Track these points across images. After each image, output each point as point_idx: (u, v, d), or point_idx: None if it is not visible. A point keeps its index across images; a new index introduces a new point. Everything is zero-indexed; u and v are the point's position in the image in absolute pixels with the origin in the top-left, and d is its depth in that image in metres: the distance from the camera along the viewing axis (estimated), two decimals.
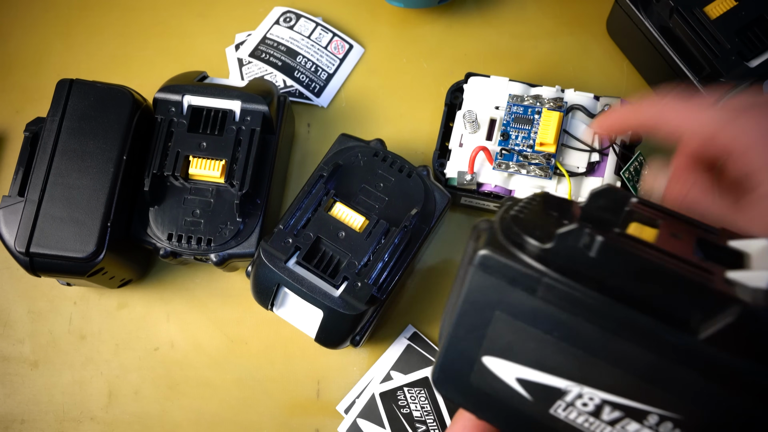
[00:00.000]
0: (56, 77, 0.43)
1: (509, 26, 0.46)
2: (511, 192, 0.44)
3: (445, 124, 0.46)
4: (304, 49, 0.52)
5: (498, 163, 0.43)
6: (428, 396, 0.44)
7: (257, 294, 0.41)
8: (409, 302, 0.47)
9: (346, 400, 0.45)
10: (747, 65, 0.41)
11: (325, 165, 0.42)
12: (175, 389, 0.46)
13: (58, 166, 0.40)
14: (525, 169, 0.43)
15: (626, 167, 0.42)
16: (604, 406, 0.23)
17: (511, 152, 0.43)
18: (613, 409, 0.23)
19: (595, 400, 0.23)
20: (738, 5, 0.42)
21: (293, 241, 0.40)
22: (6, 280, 0.49)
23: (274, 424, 0.45)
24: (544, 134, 0.42)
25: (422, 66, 0.52)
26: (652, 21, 0.45)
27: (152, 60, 0.53)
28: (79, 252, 0.39)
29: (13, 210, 0.40)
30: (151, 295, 0.48)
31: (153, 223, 0.42)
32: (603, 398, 0.23)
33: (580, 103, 0.44)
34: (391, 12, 0.54)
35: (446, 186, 0.45)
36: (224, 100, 0.43)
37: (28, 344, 0.47)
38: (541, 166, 0.42)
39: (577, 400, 0.24)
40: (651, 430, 0.23)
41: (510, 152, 0.43)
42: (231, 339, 0.47)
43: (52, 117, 0.41)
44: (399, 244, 0.40)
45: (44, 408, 0.46)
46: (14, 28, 0.54)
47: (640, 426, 0.23)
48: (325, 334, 0.40)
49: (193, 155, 0.42)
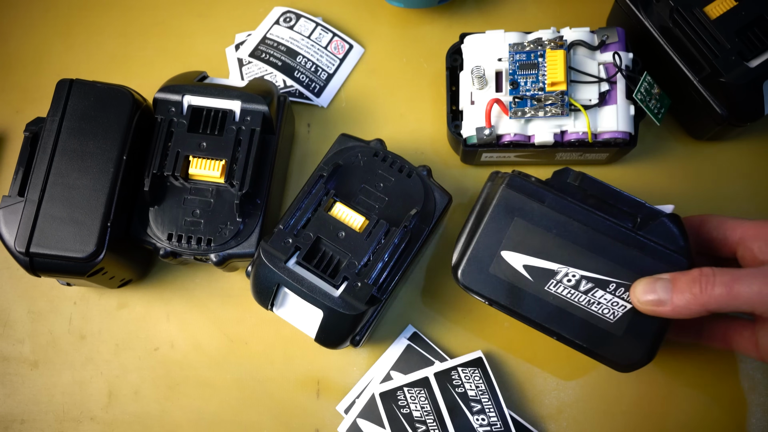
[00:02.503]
0: (56, 77, 0.43)
1: (509, 26, 0.46)
2: (531, 137, 0.44)
3: (449, 87, 0.47)
4: (304, 49, 0.52)
5: (514, 111, 0.44)
6: (428, 396, 0.44)
7: (257, 294, 0.41)
8: (409, 302, 0.47)
9: (346, 400, 0.45)
10: (747, 65, 0.41)
11: (325, 165, 0.42)
12: (175, 389, 0.46)
13: (58, 166, 0.40)
14: (542, 111, 0.43)
15: (637, 89, 0.43)
16: (581, 280, 0.37)
17: (524, 98, 0.43)
18: (588, 282, 0.37)
19: (576, 277, 0.37)
20: (738, 5, 0.42)
21: (293, 241, 0.40)
22: (6, 280, 0.49)
23: (274, 424, 0.45)
24: (553, 73, 0.43)
25: (422, 66, 0.52)
26: (652, 21, 0.45)
27: (152, 60, 0.53)
28: (79, 252, 0.39)
29: (13, 210, 0.40)
30: (151, 295, 0.48)
31: (153, 223, 0.42)
32: (582, 275, 0.37)
33: (579, 39, 0.44)
34: (391, 12, 0.54)
35: (465, 146, 0.45)
36: (224, 100, 0.43)
37: (28, 344, 0.47)
38: (556, 105, 0.43)
39: (564, 278, 0.37)
40: (611, 294, 0.36)
41: (522, 99, 0.44)
42: (231, 339, 0.47)
43: (52, 117, 0.41)
44: (399, 244, 0.40)
45: (44, 408, 0.46)
46: (14, 28, 0.54)
47: (604, 292, 0.37)
48: (325, 334, 0.40)
49: (193, 155, 0.42)
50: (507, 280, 0.37)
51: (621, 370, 0.37)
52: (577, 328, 0.37)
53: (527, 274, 0.37)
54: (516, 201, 0.37)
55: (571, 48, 0.44)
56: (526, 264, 0.37)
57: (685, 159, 0.49)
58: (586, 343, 0.37)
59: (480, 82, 0.44)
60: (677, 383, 0.45)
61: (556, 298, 0.37)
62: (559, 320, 0.37)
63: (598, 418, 0.45)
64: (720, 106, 0.43)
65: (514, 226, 0.37)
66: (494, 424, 0.43)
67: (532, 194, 0.37)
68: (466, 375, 0.44)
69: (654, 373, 0.45)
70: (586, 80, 0.44)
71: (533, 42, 0.44)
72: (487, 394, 0.44)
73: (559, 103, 0.43)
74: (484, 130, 0.44)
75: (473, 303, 0.47)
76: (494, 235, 0.37)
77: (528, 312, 0.37)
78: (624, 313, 0.36)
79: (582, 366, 0.45)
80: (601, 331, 0.37)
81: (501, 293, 0.37)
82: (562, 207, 0.37)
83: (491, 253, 0.37)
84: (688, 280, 0.34)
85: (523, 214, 0.37)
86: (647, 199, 0.38)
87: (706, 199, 0.48)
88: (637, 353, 0.36)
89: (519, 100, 0.44)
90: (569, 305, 0.37)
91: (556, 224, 0.37)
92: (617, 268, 0.36)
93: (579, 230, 0.37)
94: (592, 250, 0.36)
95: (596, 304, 0.37)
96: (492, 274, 0.37)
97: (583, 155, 0.46)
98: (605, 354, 0.37)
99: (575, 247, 0.37)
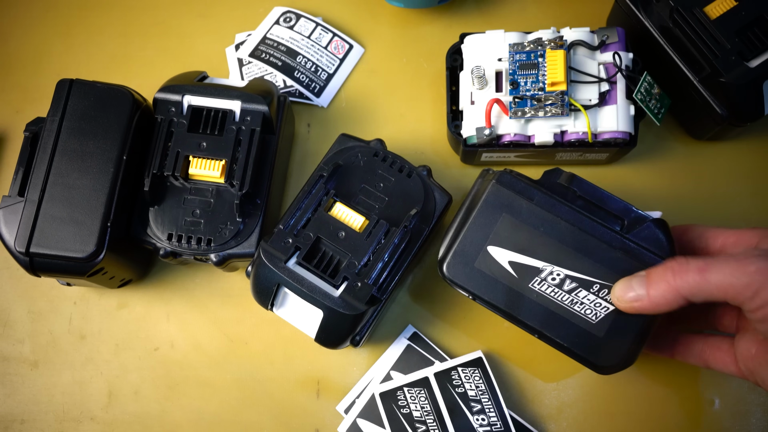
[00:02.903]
0: (56, 77, 0.43)
1: (509, 26, 0.46)
2: (531, 137, 0.45)
3: (449, 87, 0.47)
4: (304, 49, 0.52)
5: (514, 111, 0.44)
6: (428, 396, 0.44)
7: (257, 294, 0.41)
8: (409, 302, 0.47)
9: (346, 400, 0.45)
10: (747, 65, 0.41)
11: (325, 165, 0.42)
12: (175, 389, 0.46)
13: (58, 166, 0.40)
14: (542, 111, 0.43)
15: (637, 89, 0.43)
16: (566, 279, 0.37)
17: (524, 98, 0.44)
18: (572, 282, 0.37)
19: (561, 276, 0.37)
20: (738, 5, 0.42)
21: (293, 241, 0.40)
22: (6, 280, 0.49)
23: (274, 424, 0.45)
24: (553, 73, 0.43)
25: (422, 66, 0.52)
26: (652, 21, 0.45)
27: (152, 60, 0.53)
28: (79, 252, 0.39)
29: (13, 210, 0.40)
30: (151, 295, 0.48)
31: (153, 223, 0.42)
32: (566, 274, 0.37)
33: (579, 39, 0.44)
34: (391, 12, 0.54)
35: (465, 146, 0.45)
36: (224, 100, 0.43)
37: (28, 344, 0.47)
38: (556, 105, 0.43)
39: (549, 276, 0.37)
40: (594, 294, 0.37)
41: (522, 99, 0.44)
42: (231, 339, 0.47)
43: (52, 117, 0.41)
44: (399, 244, 0.40)
45: (44, 408, 0.46)
46: (14, 28, 0.54)
47: (587, 292, 0.37)
48: (325, 334, 0.40)
49: (193, 155, 0.42)
50: (492, 276, 0.37)
51: (600, 372, 0.37)
52: (558, 327, 0.37)
53: (512, 271, 0.37)
54: (505, 197, 0.38)
55: (571, 48, 0.44)
56: (512, 260, 0.37)
57: (685, 159, 0.49)
58: (566, 342, 0.37)
59: (480, 82, 0.44)
60: (677, 383, 0.45)
61: (539, 296, 0.37)
62: (541, 319, 0.37)
63: (598, 418, 0.45)
64: (720, 106, 0.43)
65: (501, 221, 0.37)
66: (494, 424, 0.43)
67: (522, 192, 0.38)
68: (466, 375, 0.44)
69: (654, 374, 0.45)
70: (586, 80, 0.44)
71: (533, 42, 0.44)
72: (487, 394, 0.44)
73: (559, 103, 0.43)
74: (484, 130, 0.44)
75: (473, 303, 0.47)
76: (482, 230, 0.38)
77: (510, 308, 0.37)
78: (606, 315, 0.36)
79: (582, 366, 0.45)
80: (583, 332, 0.37)
81: (485, 289, 0.37)
82: (551, 206, 0.37)
83: (478, 247, 0.37)
84: (661, 270, 0.34)
85: (512, 211, 0.37)
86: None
87: (706, 199, 0.48)
88: (616, 356, 0.36)
89: (519, 100, 0.44)
90: (552, 304, 0.37)
91: (543, 222, 0.37)
92: (602, 269, 0.36)
93: (566, 230, 0.37)
94: (577, 250, 0.37)
95: (579, 304, 0.37)
96: (477, 269, 0.37)
97: (583, 155, 0.46)
98: (585, 355, 0.37)
99: (561, 247, 0.37)
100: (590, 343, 0.36)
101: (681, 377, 0.45)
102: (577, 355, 0.37)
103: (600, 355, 0.36)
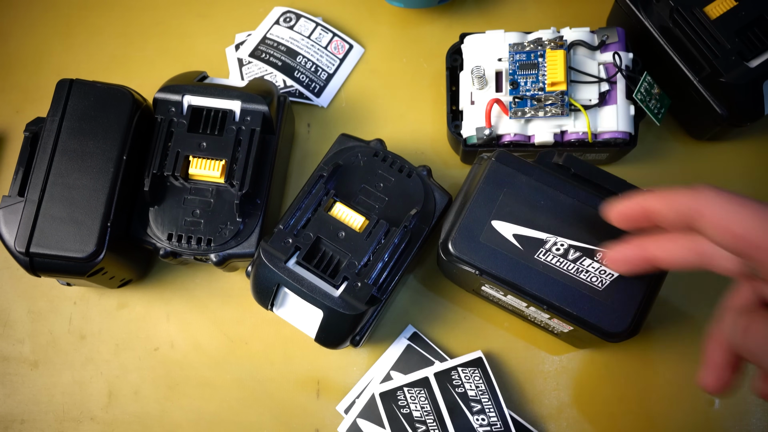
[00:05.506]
0: (56, 77, 0.43)
1: (509, 26, 0.47)
2: (531, 137, 0.45)
3: (449, 87, 0.47)
4: (304, 49, 0.52)
5: (514, 111, 0.44)
6: (428, 396, 0.44)
7: (257, 294, 0.41)
8: (409, 302, 0.47)
9: (346, 400, 0.45)
10: (747, 65, 0.41)
11: (325, 165, 0.42)
12: (175, 389, 0.46)
13: (58, 166, 0.40)
14: (542, 111, 0.43)
15: (637, 89, 0.43)
16: (570, 249, 0.38)
17: (524, 98, 0.44)
18: (576, 251, 0.38)
19: (565, 245, 0.38)
20: (738, 5, 0.42)
21: (293, 241, 0.40)
22: (6, 280, 0.49)
23: (274, 424, 0.45)
24: (553, 73, 0.43)
25: (422, 66, 0.52)
26: (652, 21, 0.45)
27: (152, 60, 0.53)
28: (79, 252, 0.39)
29: (13, 210, 0.40)
30: (151, 295, 0.48)
31: (153, 223, 0.42)
32: (570, 243, 0.38)
33: (579, 39, 0.44)
34: (391, 12, 0.54)
35: (465, 146, 0.45)
36: (224, 100, 0.43)
37: (28, 344, 0.47)
38: (556, 105, 0.43)
39: (553, 246, 0.38)
40: (598, 262, 0.38)
41: (522, 99, 0.44)
42: (231, 339, 0.47)
43: (52, 117, 0.41)
44: (399, 244, 0.40)
45: (44, 408, 0.46)
46: (14, 28, 0.54)
47: (591, 261, 0.38)
48: (325, 334, 0.40)
49: (193, 155, 0.42)
50: (498, 249, 0.38)
51: (609, 339, 0.38)
52: (567, 296, 0.37)
53: (517, 243, 0.38)
54: (505, 174, 0.39)
55: (571, 48, 0.44)
56: (516, 233, 0.38)
57: (685, 159, 0.49)
58: (575, 310, 0.37)
59: (480, 82, 0.44)
60: (678, 383, 0.45)
61: (545, 266, 0.38)
62: (549, 289, 0.38)
63: (598, 418, 0.45)
64: (720, 106, 0.43)
65: (504, 196, 0.38)
66: (494, 424, 0.43)
67: (520, 168, 0.39)
68: (466, 375, 0.44)
69: (655, 374, 0.45)
70: (586, 80, 0.44)
71: (533, 42, 0.44)
72: (487, 394, 0.44)
73: (559, 103, 0.43)
74: (484, 130, 0.44)
75: (473, 303, 0.47)
76: (485, 206, 0.38)
77: (519, 280, 0.38)
78: (611, 281, 0.37)
79: (582, 366, 0.45)
80: (590, 299, 0.37)
81: (492, 262, 0.38)
82: (550, 181, 0.39)
83: (482, 223, 0.38)
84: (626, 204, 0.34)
85: (513, 186, 0.39)
86: None
87: None
88: (624, 322, 0.37)
89: (519, 100, 0.44)
90: (559, 273, 0.38)
91: (544, 196, 0.38)
92: (603, 237, 0.37)
93: (566, 202, 0.38)
94: (579, 221, 0.38)
95: (584, 272, 0.37)
96: (483, 244, 0.38)
97: (583, 155, 0.46)
98: (594, 321, 0.37)
99: (563, 218, 0.38)
100: (599, 310, 0.37)
101: (681, 377, 0.45)
102: (587, 324, 0.37)
103: (608, 321, 0.37)
